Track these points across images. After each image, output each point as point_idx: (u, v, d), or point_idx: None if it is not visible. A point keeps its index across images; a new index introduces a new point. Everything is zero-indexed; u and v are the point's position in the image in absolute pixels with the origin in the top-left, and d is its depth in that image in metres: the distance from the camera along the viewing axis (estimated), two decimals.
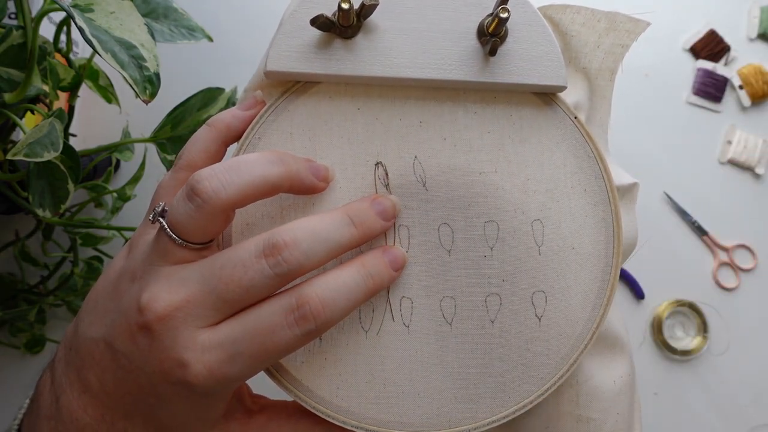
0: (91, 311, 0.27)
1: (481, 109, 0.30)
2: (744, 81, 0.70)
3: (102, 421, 0.26)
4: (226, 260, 0.24)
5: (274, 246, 0.24)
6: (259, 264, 0.24)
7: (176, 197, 0.25)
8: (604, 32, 0.35)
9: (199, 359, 0.23)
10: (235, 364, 0.23)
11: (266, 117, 0.29)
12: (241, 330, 0.24)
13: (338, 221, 0.25)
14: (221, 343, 0.23)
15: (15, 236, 0.55)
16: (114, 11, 0.35)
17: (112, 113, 0.57)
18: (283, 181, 0.25)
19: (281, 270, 0.24)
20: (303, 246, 0.24)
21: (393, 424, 0.28)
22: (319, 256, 0.24)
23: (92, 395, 0.26)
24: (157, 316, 0.23)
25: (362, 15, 0.27)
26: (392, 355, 0.28)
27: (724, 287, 0.67)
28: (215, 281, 0.24)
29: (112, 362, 0.25)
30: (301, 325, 0.24)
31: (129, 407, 0.26)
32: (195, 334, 0.23)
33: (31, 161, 0.36)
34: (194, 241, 0.25)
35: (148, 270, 0.25)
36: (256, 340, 0.23)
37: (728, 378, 0.65)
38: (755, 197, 0.69)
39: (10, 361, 0.57)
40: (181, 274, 0.24)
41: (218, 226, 0.25)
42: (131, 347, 0.25)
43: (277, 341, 0.24)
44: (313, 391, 0.28)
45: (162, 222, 0.25)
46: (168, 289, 0.24)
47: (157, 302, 0.24)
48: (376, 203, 0.27)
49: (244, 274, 0.23)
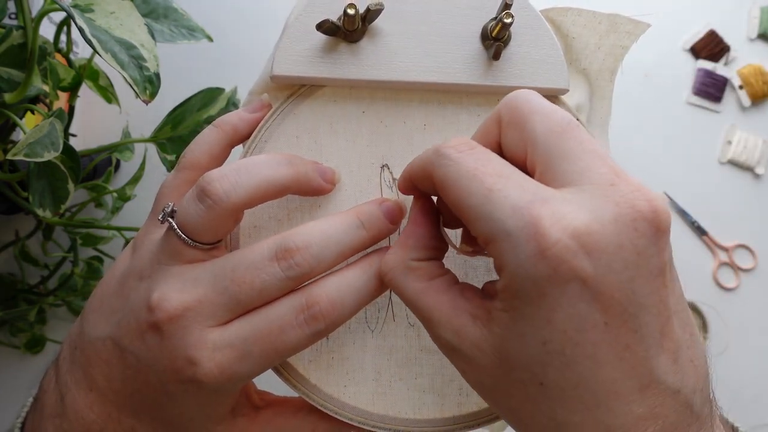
0: (97, 310, 0.27)
1: (485, 112, 0.30)
2: (744, 81, 0.70)
3: (109, 419, 0.26)
4: (238, 262, 0.24)
5: (286, 249, 0.24)
6: (272, 267, 0.24)
7: (186, 198, 0.25)
8: (604, 34, 0.35)
9: (210, 358, 0.23)
10: (246, 362, 0.24)
11: (272, 120, 0.29)
12: (252, 329, 0.24)
13: (349, 224, 0.26)
14: (231, 342, 0.24)
15: (15, 236, 0.55)
16: (114, 11, 0.35)
17: (112, 113, 0.57)
18: (292, 182, 0.26)
19: (293, 273, 0.24)
20: (314, 249, 0.24)
21: (400, 421, 0.28)
22: (330, 259, 0.25)
23: (99, 393, 0.26)
24: (168, 315, 0.24)
25: (367, 19, 0.27)
26: (398, 354, 0.29)
27: (724, 287, 0.67)
28: (227, 282, 0.24)
29: (120, 360, 0.25)
30: (310, 324, 0.24)
31: (136, 405, 0.26)
32: (205, 332, 0.24)
33: (31, 161, 0.36)
34: (204, 242, 0.25)
35: (157, 269, 0.25)
36: (266, 339, 0.24)
37: (728, 378, 0.65)
38: (755, 197, 0.69)
39: (10, 361, 0.57)
40: (192, 274, 0.25)
41: (228, 226, 0.25)
42: (140, 346, 0.25)
43: (286, 340, 0.24)
44: (321, 389, 0.28)
45: (171, 222, 0.25)
46: (180, 289, 0.24)
47: (168, 301, 0.24)
48: (385, 206, 0.27)
49: (257, 277, 0.24)
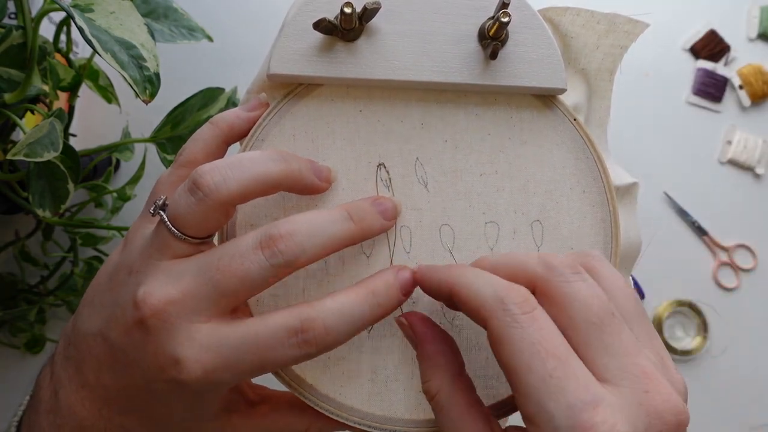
0: (89, 305, 0.27)
1: (482, 111, 0.30)
2: (744, 81, 0.70)
3: (99, 415, 0.26)
4: (223, 253, 0.24)
5: (270, 237, 0.24)
6: (256, 255, 0.24)
7: (177, 191, 0.25)
8: (603, 33, 0.35)
9: (195, 358, 0.23)
10: (231, 371, 0.23)
11: (269, 119, 0.29)
12: (243, 339, 0.24)
13: (336, 216, 0.26)
14: (220, 345, 0.23)
15: (15, 236, 0.55)
16: (114, 11, 0.35)
17: (112, 113, 0.57)
18: (284, 178, 0.26)
19: (277, 261, 0.24)
20: (298, 238, 0.24)
21: (396, 421, 0.28)
22: (315, 249, 0.24)
23: (90, 390, 0.26)
24: (152, 310, 0.23)
25: (364, 18, 0.27)
26: (395, 354, 0.28)
27: (724, 287, 0.67)
28: (212, 272, 0.24)
29: (109, 357, 0.25)
30: (302, 348, 0.24)
31: (125, 403, 0.26)
32: (192, 329, 0.23)
33: (31, 161, 0.36)
34: (193, 235, 0.25)
35: (146, 263, 0.25)
36: (255, 352, 0.23)
37: (728, 378, 0.65)
38: (755, 197, 0.69)
39: (10, 361, 0.57)
40: (178, 267, 0.24)
41: (218, 220, 0.25)
42: (127, 341, 0.24)
43: (275, 357, 0.24)
44: (317, 389, 0.28)
45: (162, 215, 0.25)
46: (165, 282, 0.24)
47: (153, 296, 0.23)
48: (378, 203, 0.27)
49: (241, 264, 0.23)
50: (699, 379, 0.64)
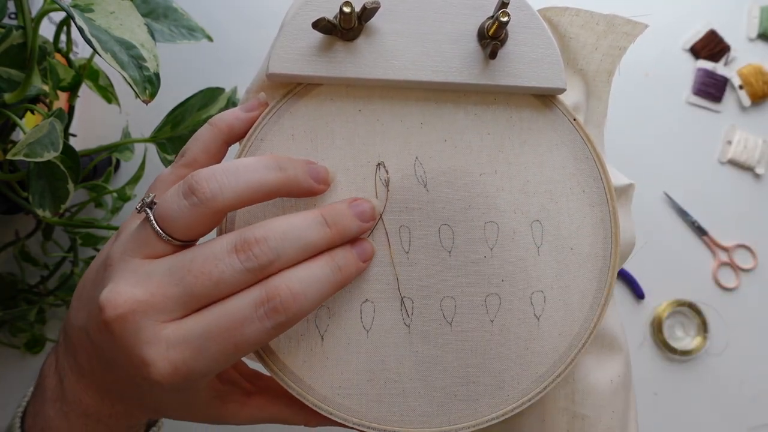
0: (78, 298, 0.28)
1: (482, 111, 0.30)
2: (744, 81, 0.70)
3: (101, 403, 0.27)
4: (197, 254, 0.24)
5: (245, 241, 0.24)
6: (230, 258, 0.23)
7: (169, 192, 0.24)
8: (602, 34, 0.35)
9: (163, 356, 0.23)
10: (202, 359, 0.23)
11: (268, 119, 0.29)
12: (208, 324, 0.23)
13: (311, 221, 0.25)
14: (186, 338, 0.23)
15: (15, 236, 0.55)
16: (114, 11, 0.35)
17: (112, 113, 0.57)
18: (281, 186, 0.26)
19: (251, 265, 0.23)
20: (273, 243, 0.24)
21: (394, 422, 0.28)
22: (289, 254, 0.24)
23: (89, 380, 0.27)
24: (116, 312, 0.23)
25: (363, 18, 0.27)
26: (393, 354, 0.29)
27: (724, 287, 0.67)
28: (184, 273, 0.23)
29: (94, 351, 0.26)
30: (271, 317, 0.23)
31: (119, 391, 0.26)
32: (158, 329, 0.23)
33: (31, 161, 0.36)
34: (179, 238, 0.25)
35: (120, 259, 0.25)
36: (224, 334, 0.23)
37: (728, 378, 0.65)
38: (755, 197, 0.69)
39: (10, 361, 0.57)
40: (148, 268, 0.24)
41: (207, 226, 0.25)
42: (101, 340, 0.25)
43: (246, 335, 0.23)
44: (315, 389, 0.28)
45: (149, 213, 0.25)
46: (133, 282, 0.24)
47: (118, 297, 0.23)
48: (354, 205, 0.27)
49: (215, 267, 0.23)
50: (699, 379, 0.64)
